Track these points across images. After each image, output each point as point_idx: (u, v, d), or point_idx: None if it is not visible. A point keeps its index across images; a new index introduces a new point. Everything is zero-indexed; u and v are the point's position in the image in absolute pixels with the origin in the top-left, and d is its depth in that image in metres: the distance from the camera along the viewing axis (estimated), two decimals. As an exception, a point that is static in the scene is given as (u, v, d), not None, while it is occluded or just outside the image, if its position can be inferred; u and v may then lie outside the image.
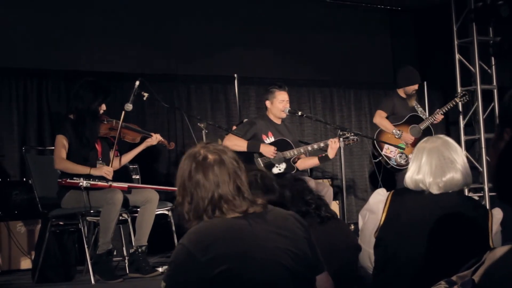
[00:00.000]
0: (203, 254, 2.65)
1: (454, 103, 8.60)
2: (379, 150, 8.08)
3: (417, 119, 8.22)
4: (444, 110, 8.40)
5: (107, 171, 6.07)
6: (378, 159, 8.15)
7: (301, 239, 2.84)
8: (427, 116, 8.32)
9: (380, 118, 8.14)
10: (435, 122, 8.35)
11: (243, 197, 2.80)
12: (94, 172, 6.04)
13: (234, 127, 7.43)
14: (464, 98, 8.75)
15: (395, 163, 8.04)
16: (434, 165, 3.40)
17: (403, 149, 7.94)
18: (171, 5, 9.09)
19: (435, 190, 3.41)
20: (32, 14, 8.16)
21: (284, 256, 2.75)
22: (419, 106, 8.39)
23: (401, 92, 8.27)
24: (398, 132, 7.98)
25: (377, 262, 3.51)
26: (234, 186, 2.79)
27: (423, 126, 8.18)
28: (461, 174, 3.41)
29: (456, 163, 3.40)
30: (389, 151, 8.04)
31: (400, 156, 8.03)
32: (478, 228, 3.31)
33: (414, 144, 7.98)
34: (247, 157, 6.67)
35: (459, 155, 3.44)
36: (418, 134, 8.12)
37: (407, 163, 7.90)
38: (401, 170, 7.93)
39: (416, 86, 8.24)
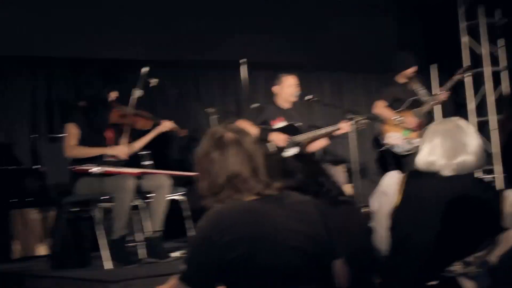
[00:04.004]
0: (220, 237, 2.68)
1: (456, 79, 8.49)
2: (383, 139, 8.04)
3: (419, 103, 8.17)
4: (446, 87, 8.31)
5: (121, 150, 6.10)
6: (382, 148, 8.13)
7: (319, 224, 2.87)
8: (429, 97, 8.24)
9: (380, 108, 8.07)
10: (440, 100, 8.30)
11: (258, 179, 2.82)
12: (110, 151, 6.06)
13: None
14: (463, 73, 8.64)
15: (401, 149, 7.99)
16: (447, 147, 3.41)
17: (409, 132, 7.91)
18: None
19: (447, 172, 3.42)
20: (40, 2, 8.16)
21: (301, 241, 2.78)
22: (422, 88, 8.31)
23: (400, 77, 8.23)
24: (399, 118, 7.92)
25: (392, 244, 3.52)
26: (250, 167, 2.82)
27: (425, 108, 8.13)
28: (474, 157, 3.42)
29: (469, 146, 3.41)
30: (393, 138, 7.99)
31: (406, 141, 7.99)
32: (491, 210, 3.33)
33: (418, 127, 7.95)
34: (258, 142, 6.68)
35: (473, 138, 3.45)
36: (421, 116, 8.07)
37: (412, 148, 7.87)
38: (408, 155, 7.93)
39: (413, 69, 8.17)
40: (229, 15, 9.39)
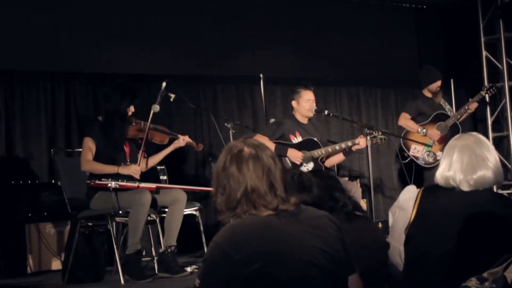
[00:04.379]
0: (237, 252, 2.66)
1: (480, 96, 8.59)
2: (407, 151, 8.09)
3: (444, 117, 8.23)
4: (477, 99, 8.42)
5: (135, 170, 6.09)
6: (407, 160, 8.16)
7: (335, 239, 2.84)
8: (454, 113, 8.31)
9: (405, 120, 8.16)
10: (470, 111, 8.36)
11: (275, 194, 2.80)
12: (122, 171, 6.05)
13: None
14: (491, 90, 8.75)
15: (423, 162, 8.06)
16: (466, 162, 3.39)
17: (430, 147, 7.94)
18: (197, 7, 9.10)
19: (465, 188, 3.39)
20: (59, 17, 8.19)
21: (317, 256, 2.75)
22: (446, 103, 8.39)
23: (426, 92, 8.32)
24: (423, 130, 7.98)
25: (407, 259, 3.50)
26: (267, 182, 2.80)
27: (449, 122, 8.18)
28: (492, 172, 3.39)
29: (487, 161, 3.38)
30: (416, 151, 8.06)
31: (428, 155, 8.04)
32: (509, 225, 3.29)
33: (441, 141, 7.99)
34: (275, 157, 6.66)
35: (491, 153, 3.42)
36: (445, 130, 8.13)
37: (435, 161, 7.93)
38: (430, 168, 7.95)
39: (439, 83, 8.26)
40: (247, 30, 9.41)
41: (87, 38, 8.30)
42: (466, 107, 8.35)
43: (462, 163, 3.39)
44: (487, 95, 8.93)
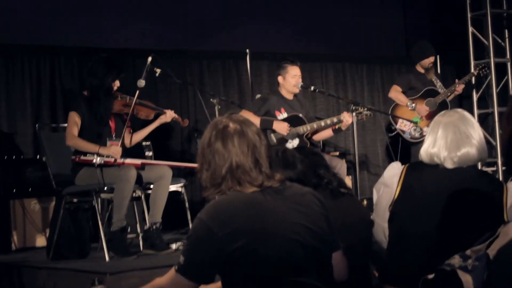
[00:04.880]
0: (221, 229, 2.67)
1: (472, 75, 8.66)
2: (394, 124, 8.13)
3: (434, 93, 8.26)
4: (464, 81, 8.49)
5: (115, 151, 6.03)
6: (393, 133, 8.21)
7: (319, 216, 2.85)
8: (445, 90, 8.33)
9: (395, 92, 8.21)
10: (456, 93, 8.42)
11: (260, 170, 2.80)
12: (103, 151, 6.00)
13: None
14: (483, 70, 8.81)
15: (409, 136, 8.09)
16: (450, 139, 3.39)
17: (417, 123, 7.97)
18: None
19: (449, 165, 3.40)
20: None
21: (301, 232, 2.77)
22: (438, 80, 8.41)
23: (418, 67, 8.36)
24: (412, 104, 8.02)
25: (391, 236, 3.52)
26: (252, 158, 2.80)
27: (439, 99, 8.21)
28: (476, 149, 3.40)
29: (471, 138, 3.39)
30: (404, 125, 8.10)
31: (415, 129, 8.08)
32: (493, 202, 3.31)
33: (429, 117, 8.02)
34: (261, 133, 6.65)
35: (476, 130, 3.42)
36: (434, 106, 8.15)
37: (421, 136, 7.97)
38: (416, 143, 8.00)
39: (431, 59, 8.31)
40: (234, 5, 9.37)
41: (72, 11, 8.24)
42: (453, 88, 8.37)
43: (447, 140, 3.40)
44: (480, 74, 8.98)
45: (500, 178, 9.08)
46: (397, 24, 10.97)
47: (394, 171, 3.67)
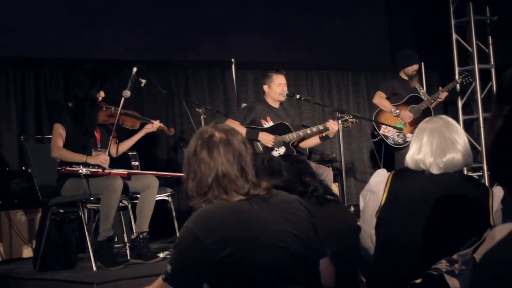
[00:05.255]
0: (208, 237, 2.67)
1: (456, 83, 8.74)
2: (377, 129, 8.18)
3: (417, 100, 8.31)
4: (447, 89, 8.56)
5: (103, 159, 6.02)
6: (377, 139, 8.26)
7: (306, 223, 2.86)
8: (428, 97, 8.39)
9: (380, 98, 8.27)
10: (439, 100, 8.50)
11: (246, 179, 2.81)
12: (90, 160, 5.99)
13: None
14: (467, 78, 8.89)
15: (393, 142, 8.14)
16: (435, 145, 3.41)
17: (401, 129, 8.02)
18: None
19: (435, 170, 3.42)
20: (28, 2, 8.12)
21: (288, 240, 2.77)
22: (421, 87, 8.49)
23: (402, 74, 8.41)
24: (396, 111, 8.07)
25: (378, 242, 3.52)
26: (238, 167, 2.80)
27: (422, 106, 8.26)
28: (462, 155, 3.41)
29: (456, 144, 3.41)
30: (387, 130, 8.14)
31: (398, 135, 8.13)
32: (479, 207, 3.32)
33: (412, 123, 8.07)
34: (247, 142, 6.66)
35: (460, 136, 3.44)
36: (417, 113, 8.21)
37: (404, 142, 8.03)
38: (399, 149, 8.05)
39: (415, 67, 8.37)
40: (219, 15, 9.37)
41: (57, 24, 8.23)
42: (437, 96, 8.44)
43: (432, 146, 3.42)
44: (463, 82, 9.05)
45: (486, 183, 9.13)
46: (381, 31, 11.01)
47: (380, 178, 3.68)
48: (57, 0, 8.28)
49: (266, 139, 6.82)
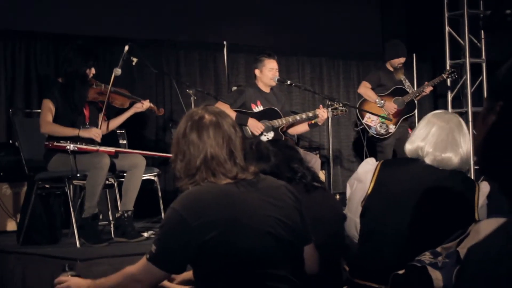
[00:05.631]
0: (194, 219, 2.67)
1: (441, 78, 8.76)
2: (361, 119, 8.19)
3: (402, 92, 8.32)
4: (433, 83, 8.57)
5: (96, 133, 6.03)
6: (359, 128, 8.28)
7: (292, 209, 2.87)
8: (413, 90, 8.40)
9: (365, 88, 8.26)
10: (424, 94, 8.52)
11: (235, 162, 2.81)
12: (83, 134, 6.00)
13: None
14: (453, 75, 8.90)
15: (375, 132, 8.15)
16: (441, 139, 3.42)
17: (390, 120, 8.03)
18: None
19: (428, 160, 3.42)
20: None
21: (273, 225, 2.78)
22: (407, 80, 8.48)
23: (388, 65, 8.41)
24: (381, 101, 8.07)
25: (362, 231, 3.54)
26: (227, 150, 2.80)
27: (407, 98, 8.27)
28: (460, 159, 3.42)
29: (459, 147, 3.42)
30: (370, 120, 8.15)
31: (381, 126, 8.15)
32: (465, 201, 3.34)
33: (396, 115, 8.09)
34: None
35: (466, 142, 3.46)
36: (402, 105, 8.23)
37: (386, 133, 8.06)
38: (381, 139, 8.08)
39: (402, 60, 8.34)
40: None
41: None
42: (422, 89, 8.46)
43: (437, 139, 3.42)
44: (448, 79, 9.06)
45: (472, 177, 9.17)
46: (374, 21, 11.01)
47: (368, 167, 3.69)
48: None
49: (254, 126, 6.81)
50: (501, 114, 1.44)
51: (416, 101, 8.38)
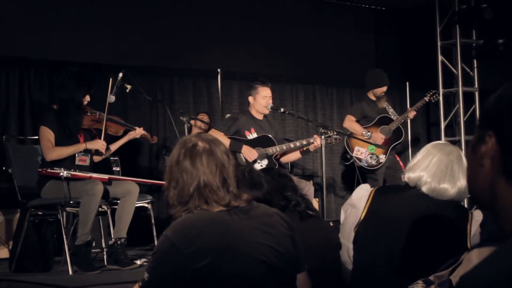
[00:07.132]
0: (187, 246, 2.67)
1: (424, 102, 8.76)
2: (350, 152, 8.18)
3: (387, 120, 8.30)
4: (416, 108, 8.57)
5: (102, 144, 6.07)
6: (350, 161, 8.27)
7: (285, 237, 2.86)
8: (397, 116, 8.39)
9: (350, 122, 8.20)
10: (408, 118, 8.52)
11: (228, 190, 2.81)
12: (90, 145, 6.04)
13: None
14: (434, 96, 8.92)
15: (366, 164, 8.14)
16: (440, 170, 3.42)
17: (383, 147, 8.03)
18: (157, -2, 9.08)
19: (425, 189, 3.42)
20: (16, 2, 8.11)
21: (266, 253, 2.77)
22: (390, 106, 8.45)
23: (370, 94, 8.37)
24: (368, 133, 8.04)
25: (355, 258, 3.53)
26: (220, 178, 2.81)
27: (393, 126, 8.26)
28: (456, 192, 3.42)
29: (457, 180, 3.42)
30: (360, 153, 8.13)
31: (371, 157, 8.13)
32: (458, 229, 3.33)
33: (384, 144, 8.08)
34: (229, 152, 6.65)
35: (464, 177, 3.46)
36: (389, 133, 8.22)
37: (378, 164, 8.04)
38: (372, 171, 8.07)
39: (384, 88, 8.30)
40: (207, 25, 9.39)
41: (44, 24, 8.22)
42: (406, 115, 8.46)
43: (437, 169, 3.42)
44: (431, 100, 9.06)
45: (466, 205, 9.17)
46: (368, 49, 11.06)
47: (362, 193, 3.69)
48: (45, 1, 8.26)
49: (249, 154, 6.81)
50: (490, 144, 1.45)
51: (402, 128, 8.36)
